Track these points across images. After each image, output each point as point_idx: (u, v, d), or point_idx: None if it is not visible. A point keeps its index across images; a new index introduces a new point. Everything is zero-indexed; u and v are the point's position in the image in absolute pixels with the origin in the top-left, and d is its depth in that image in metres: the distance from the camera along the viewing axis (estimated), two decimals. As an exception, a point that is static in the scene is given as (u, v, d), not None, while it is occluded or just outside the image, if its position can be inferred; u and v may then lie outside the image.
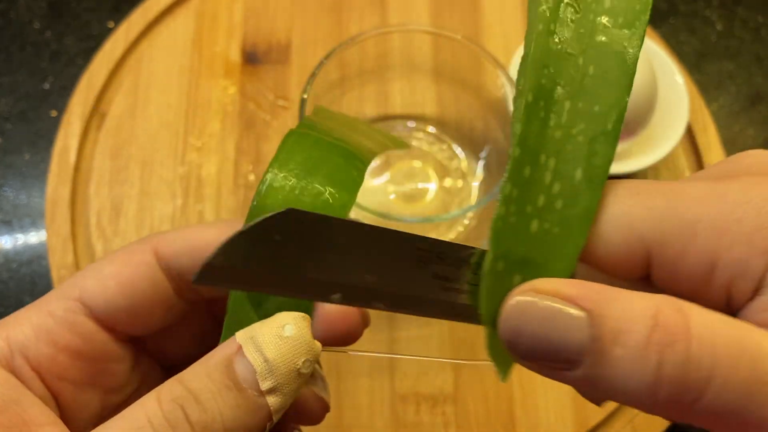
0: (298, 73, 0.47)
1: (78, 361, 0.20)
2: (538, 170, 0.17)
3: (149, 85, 0.46)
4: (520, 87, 0.18)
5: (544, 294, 0.16)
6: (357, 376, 0.38)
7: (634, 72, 0.18)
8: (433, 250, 0.18)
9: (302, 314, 0.19)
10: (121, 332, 0.21)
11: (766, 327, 0.15)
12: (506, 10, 0.50)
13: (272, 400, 0.18)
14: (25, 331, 0.20)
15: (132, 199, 0.43)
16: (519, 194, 0.17)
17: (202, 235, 0.21)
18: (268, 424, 0.18)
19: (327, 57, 0.37)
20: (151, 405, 0.18)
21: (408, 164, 0.44)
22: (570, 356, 0.16)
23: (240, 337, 0.18)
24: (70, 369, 0.20)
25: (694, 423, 0.16)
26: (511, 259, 0.17)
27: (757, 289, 0.16)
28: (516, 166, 0.17)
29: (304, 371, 0.18)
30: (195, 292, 0.22)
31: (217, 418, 0.17)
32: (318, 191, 0.20)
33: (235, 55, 0.48)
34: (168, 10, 0.49)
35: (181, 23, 0.48)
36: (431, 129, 0.45)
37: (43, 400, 0.20)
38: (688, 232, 0.16)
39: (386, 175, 0.43)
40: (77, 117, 0.45)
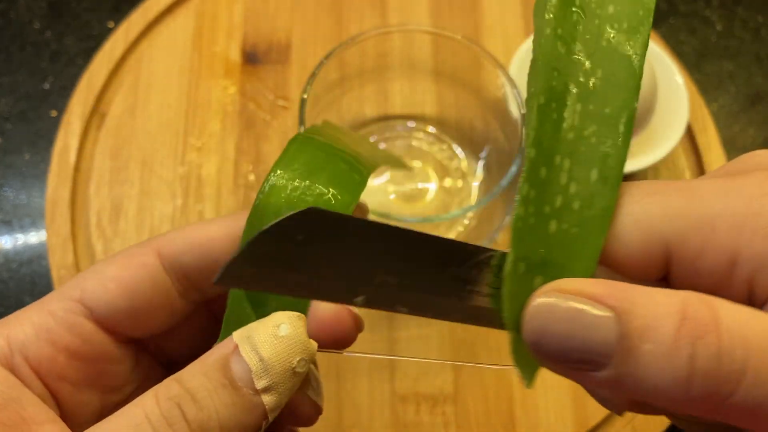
0: (298, 73, 0.47)
1: (77, 361, 0.20)
2: (554, 171, 0.17)
3: (149, 85, 0.46)
4: (532, 89, 0.18)
5: (568, 294, 0.16)
6: (357, 377, 0.38)
7: (641, 75, 0.18)
8: (453, 251, 0.17)
9: (298, 314, 0.19)
10: (123, 334, 0.21)
11: None
12: (506, 10, 0.50)
13: (267, 399, 0.18)
14: (26, 331, 0.20)
15: (132, 199, 0.43)
16: (536, 195, 0.17)
17: (205, 232, 0.21)
18: (264, 422, 0.18)
19: (327, 57, 0.38)
20: (149, 403, 0.18)
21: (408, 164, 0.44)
22: (597, 356, 0.15)
23: (236, 337, 0.18)
24: (69, 369, 0.20)
25: (727, 420, 0.15)
26: (532, 260, 0.17)
27: None
28: (532, 167, 0.17)
29: (300, 370, 0.18)
30: (200, 292, 0.22)
31: (213, 416, 0.18)
32: (320, 192, 0.20)
33: (235, 55, 0.48)
34: (168, 10, 0.49)
35: (181, 23, 0.49)
36: (431, 129, 0.45)
37: (42, 399, 0.20)
38: (706, 229, 0.16)
39: (386, 175, 0.43)
40: (77, 117, 0.45)
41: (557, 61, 0.18)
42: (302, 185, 0.20)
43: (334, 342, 0.20)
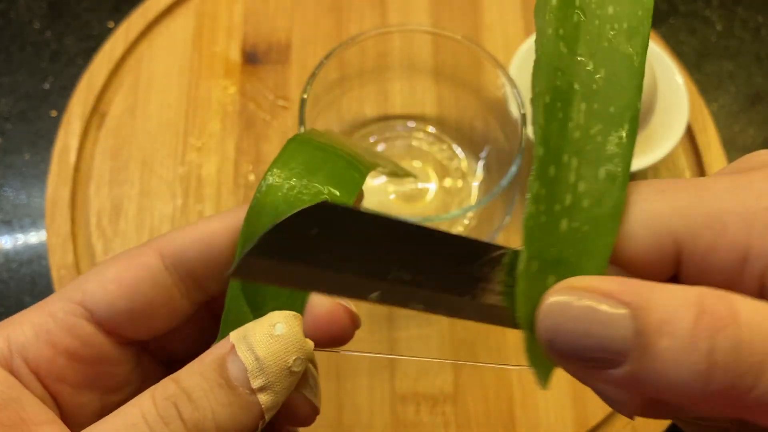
0: (298, 73, 0.47)
1: (76, 363, 0.21)
2: (562, 169, 0.17)
3: (149, 85, 0.46)
4: (536, 89, 0.18)
5: (582, 291, 0.16)
6: (357, 376, 0.38)
7: (643, 74, 0.18)
8: (465, 248, 0.17)
9: (293, 313, 0.19)
10: (124, 336, 0.21)
11: None
12: (506, 10, 0.50)
13: (263, 398, 0.18)
14: (26, 332, 0.20)
15: (132, 199, 0.43)
16: (547, 193, 0.17)
17: (206, 227, 0.21)
18: (261, 422, 0.18)
19: (327, 57, 0.37)
20: (146, 403, 0.18)
21: (408, 164, 0.44)
22: (613, 353, 0.15)
23: (233, 337, 0.19)
24: (69, 371, 0.20)
25: (747, 416, 0.15)
26: (545, 259, 0.17)
27: None
28: (541, 165, 0.17)
29: (296, 369, 0.18)
30: (203, 291, 0.22)
31: (209, 416, 0.18)
32: (317, 190, 0.20)
33: (235, 55, 0.48)
34: (168, 10, 0.49)
35: (180, 23, 0.49)
36: (431, 129, 0.45)
37: (41, 400, 0.20)
38: (717, 225, 0.16)
39: (382, 178, 0.43)
40: (77, 117, 0.45)
41: (560, 61, 0.18)
42: (299, 184, 0.20)
43: (331, 339, 0.20)
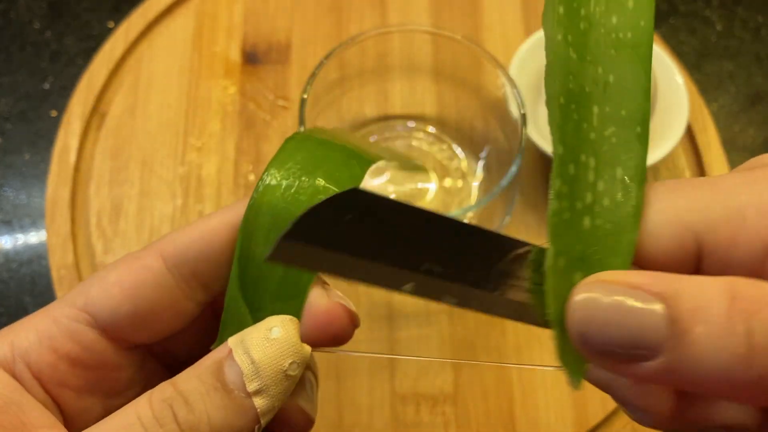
0: (298, 73, 0.47)
1: (78, 369, 0.21)
2: (581, 169, 0.18)
3: (149, 85, 0.46)
4: (550, 91, 0.18)
5: (612, 284, 0.16)
6: (357, 376, 0.38)
7: (650, 80, 0.18)
8: (494, 243, 0.17)
9: (290, 317, 0.19)
10: (128, 340, 0.21)
11: None
12: (506, 10, 0.50)
13: (259, 402, 0.18)
14: (30, 338, 0.20)
15: (132, 199, 0.43)
16: (569, 191, 0.18)
17: (206, 226, 0.21)
18: (257, 426, 0.18)
19: (327, 57, 0.37)
20: (142, 405, 0.18)
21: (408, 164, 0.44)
22: (647, 344, 0.15)
23: (231, 342, 0.19)
24: (71, 376, 0.20)
25: None
26: (571, 255, 0.17)
27: None
28: (561, 163, 0.18)
29: (291, 373, 0.18)
30: (206, 291, 0.22)
31: (204, 419, 0.18)
32: (315, 189, 0.20)
33: (235, 55, 0.48)
34: (168, 10, 0.49)
35: (180, 23, 0.49)
36: (431, 129, 0.45)
37: (43, 404, 0.20)
38: (736, 218, 0.16)
39: (386, 175, 0.43)
40: (77, 117, 0.45)
41: (571, 66, 0.18)
42: (296, 183, 0.20)
43: (330, 339, 0.20)
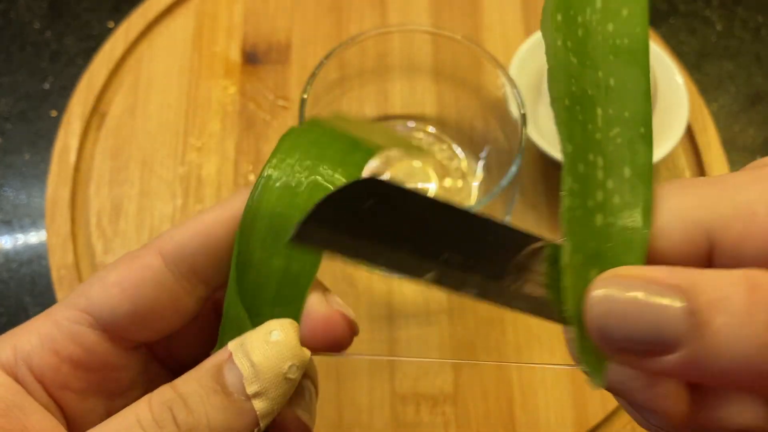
0: (298, 73, 0.47)
1: (80, 371, 0.21)
2: (590, 167, 0.18)
3: (149, 85, 0.46)
4: (554, 94, 0.19)
5: (629, 278, 0.16)
6: (357, 377, 0.38)
7: (649, 84, 0.19)
8: (510, 237, 0.17)
9: (290, 320, 0.19)
10: (130, 340, 0.21)
11: None
12: (506, 10, 0.50)
13: (258, 405, 0.18)
14: (32, 341, 0.20)
15: (132, 199, 0.43)
16: (580, 188, 0.18)
17: (203, 221, 0.21)
18: (256, 430, 0.18)
19: (327, 57, 0.37)
20: (142, 407, 0.18)
21: (408, 164, 0.44)
22: (667, 337, 0.15)
23: (231, 345, 0.19)
24: (73, 378, 0.21)
25: None
26: (586, 252, 0.17)
27: None
28: (571, 161, 0.18)
29: (291, 377, 0.19)
30: (207, 286, 0.22)
31: (203, 421, 0.18)
32: (312, 191, 0.20)
33: (235, 55, 0.48)
34: (168, 10, 0.49)
35: (180, 23, 0.49)
36: (431, 129, 0.45)
37: (46, 407, 0.20)
38: (746, 213, 0.16)
39: (386, 175, 0.43)
40: (77, 117, 0.45)
41: (572, 70, 0.19)
42: (292, 186, 0.20)
43: (328, 345, 0.20)
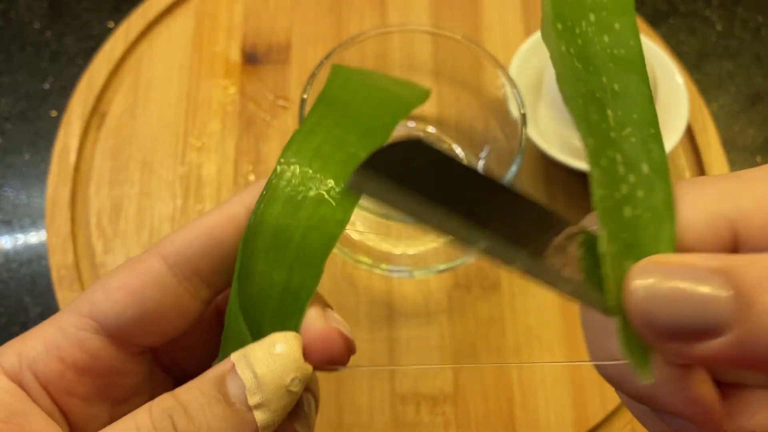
0: (298, 73, 0.47)
1: (85, 377, 0.21)
2: (611, 162, 0.18)
3: (149, 85, 0.46)
4: (565, 95, 0.19)
5: (668, 265, 0.16)
6: (357, 376, 0.38)
7: (649, 87, 0.19)
8: (548, 217, 0.17)
9: (294, 333, 0.19)
10: (135, 344, 0.21)
11: None
12: (506, 10, 0.50)
13: (259, 416, 0.18)
14: (37, 347, 0.20)
15: (132, 199, 0.43)
16: (607, 180, 0.18)
17: (205, 223, 0.21)
18: None
19: (327, 57, 0.37)
20: (142, 415, 0.18)
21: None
22: (713, 320, 0.15)
23: (234, 356, 0.19)
24: (78, 384, 0.21)
25: None
26: (621, 242, 0.17)
27: None
28: (594, 155, 0.18)
29: (293, 389, 0.19)
30: (210, 288, 0.22)
31: (203, 430, 0.18)
32: (316, 203, 0.21)
33: (235, 55, 0.48)
34: (168, 10, 0.49)
35: (181, 23, 0.49)
36: (431, 129, 0.45)
37: (50, 414, 0.20)
38: (767, 204, 0.16)
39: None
40: (77, 117, 0.45)
41: (579, 74, 0.19)
42: (297, 198, 0.21)
43: (324, 362, 0.20)
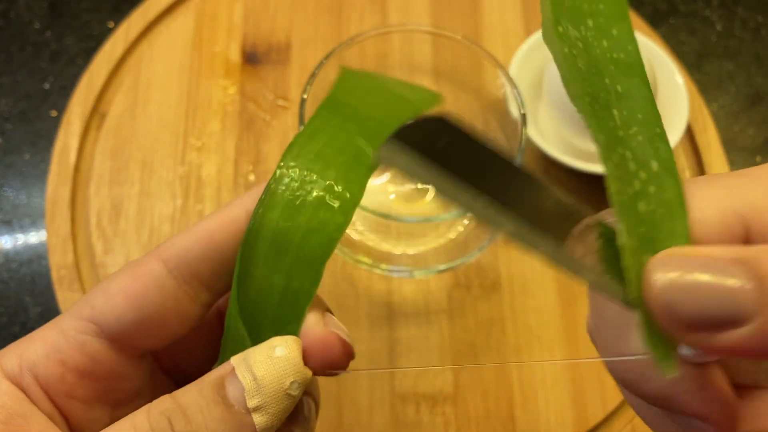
0: (298, 73, 0.47)
1: (86, 380, 0.21)
2: (622, 159, 0.18)
3: (149, 85, 0.46)
4: (572, 93, 0.19)
5: (687, 257, 0.16)
6: (357, 377, 0.38)
7: (650, 89, 0.19)
8: (569, 207, 0.17)
9: (294, 337, 0.19)
10: (136, 348, 0.21)
11: None
12: (506, 10, 0.50)
13: (258, 419, 0.18)
14: (38, 350, 0.20)
15: (132, 199, 0.43)
16: (620, 175, 0.18)
17: (205, 227, 0.21)
18: None
19: (327, 57, 0.37)
20: (140, 416, 0.18)
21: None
22: (737, 308, 0.15)
23: (234, 359, 0.19)
24: (78, 388, 0.21)
25: None
26: (638, 236, 0.17)
27: None
28: (606, 150, 0.18)
29: (292, 393, 0.19)
30: (210, 291, 0.22)
31: (202, 431, 0.18)
32: (315, 208, 0.21)
33: (235, 55, 0.48)
34: (168, 10, 0.49)
35: (181, 23, 0.49)
36: (431, 129, 0.45)
37: (50, 417, 0.20)
38: None
39: (386, 175, 0.43)
40: (77, 117, 0.45)
41: (583, 75, 0.19)
42: (296, 202, 0.21)
43: (323, 367, 0.20)
